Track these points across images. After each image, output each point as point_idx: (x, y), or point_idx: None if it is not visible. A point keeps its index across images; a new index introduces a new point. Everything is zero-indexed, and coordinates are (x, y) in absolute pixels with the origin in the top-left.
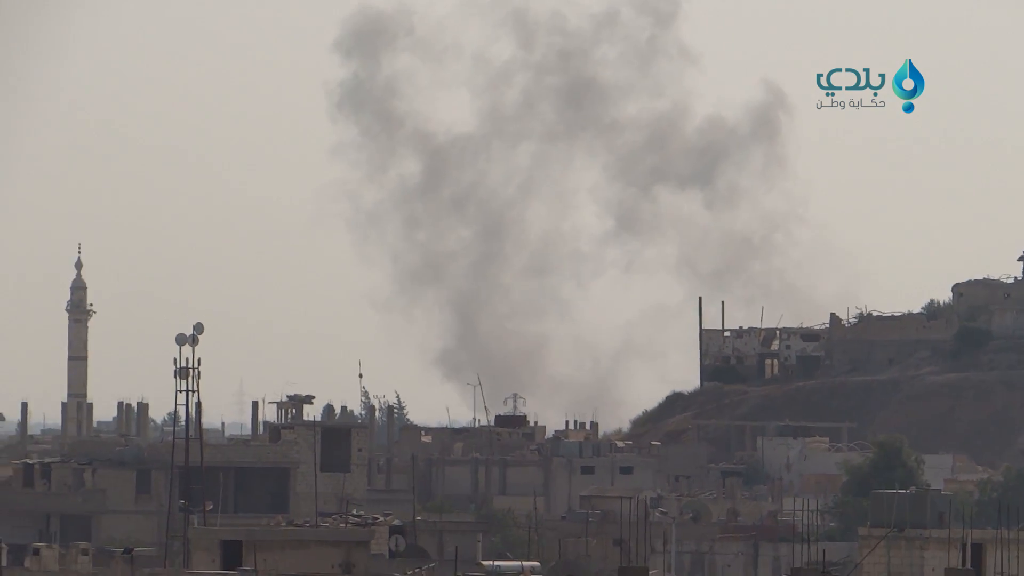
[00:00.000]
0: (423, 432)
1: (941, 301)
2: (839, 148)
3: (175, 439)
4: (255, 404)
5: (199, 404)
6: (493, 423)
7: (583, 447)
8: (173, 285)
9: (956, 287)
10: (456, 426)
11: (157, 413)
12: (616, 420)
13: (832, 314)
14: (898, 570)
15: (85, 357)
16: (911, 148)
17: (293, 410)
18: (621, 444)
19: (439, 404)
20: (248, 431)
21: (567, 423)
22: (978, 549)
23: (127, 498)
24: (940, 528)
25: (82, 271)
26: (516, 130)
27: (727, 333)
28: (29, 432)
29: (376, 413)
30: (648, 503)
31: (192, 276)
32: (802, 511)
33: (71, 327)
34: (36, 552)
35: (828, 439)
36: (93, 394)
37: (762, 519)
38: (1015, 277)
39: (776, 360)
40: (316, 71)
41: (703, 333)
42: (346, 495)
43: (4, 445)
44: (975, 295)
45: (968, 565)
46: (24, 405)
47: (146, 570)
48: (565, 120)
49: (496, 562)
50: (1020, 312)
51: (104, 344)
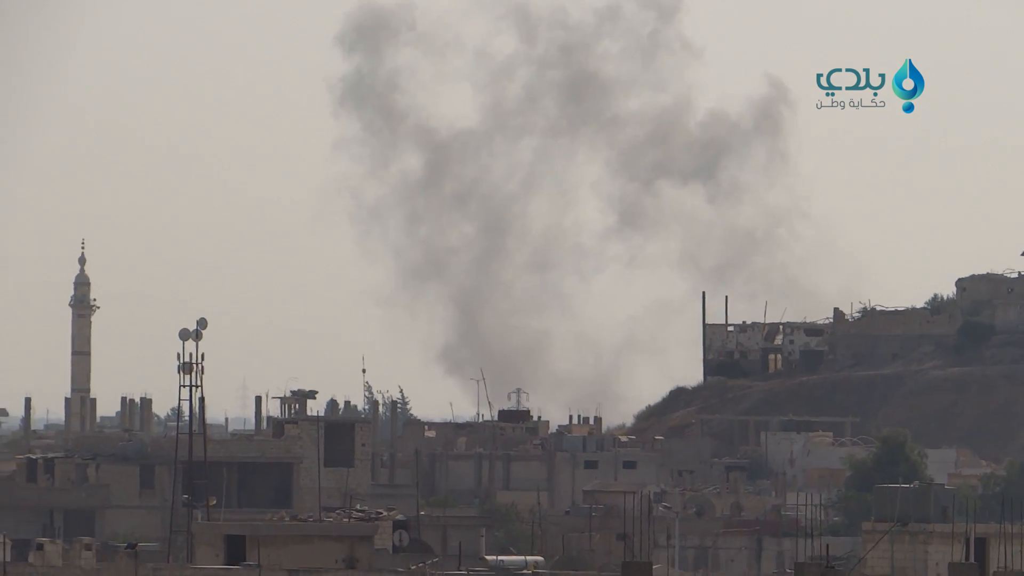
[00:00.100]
0: (427, 427)
1: (944, 296)
2: (841, 145)
3: (178, 434)
4: (258, 399)
5: (202, 399)
6: (496, 418)
7: (587, 442)
8: (176, 280)
9: (959, 282)
10: (459, 421)
11: (161, 408)
12: (619, 415)
13: (836, 309)
14: (902, 564)
15: (89, 352)
16: (913, 145)
17: (296, 405)
18: (625, 439)
19: (442, 399)
20: (251, 426)
21: (570, 418)
22: (981, 543)
23: (131, 493)
24: (944, 522)
25: (85, 267)
26: (518, 125)
27: (730, 328)
28: (33, 427)
29: (379, 408)
30: (652, 498)
31: (195, 271)
32: (806, 506)
33: (75, 322)
34: (40, 547)
35: (832, 434)
36: (97, 389)
37: (766, 514)
38: (1018, 272)
39: (779, 355)
40: (318, 66)
41: (706, 328)
42: (350, 490)
43: (7, 440)
44: (978, 290)
45: (972, 559)
46: (28, 400)
47: (150, 565)
48: (567, 115)
49: (500, 557)
50: (1023, 307)
51: (108, 339)
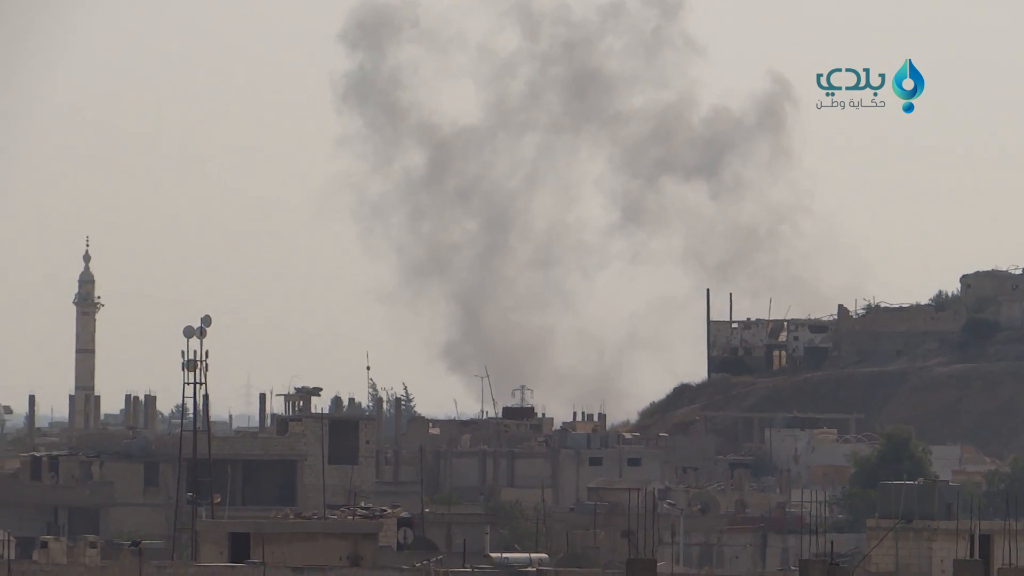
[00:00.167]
0: (431, 424)
1: (949, 292)
2: (844, 142)
3: (183, 431)
4: (262, 396)
5: (207, 396)
6: (500, 415)
7: (591, 439)
8: (180, 278)
9: (964, 278)
10: (464, 418)
11: (165, 406)
12: (622, 412)
13: (840, 306)
14: (906, 561)
15: (93, 350)
16: (917, 143)
17: (300, 402)
18: (629, 436)
19: (446, 396)
20: (256, 423)
21: (575, 415)
22: (986, 540)
23: (135, 491)
24: (948, 519)
25: (90, 264)
26: (521, 121)
27: (735, 325)
28: (37, 425)
29: (384, 405)
30: (656, 495)
31: (199, 269)
32: (810, 502)
33: (79, 320)
34: (44, 545)
35: (836, 430)
36: (101, 387)
37: (770, 510)
38: (1023, 268)
39: (784, 351)
40: (321, 63)
41: (711, 324)
42: (354, 487)
43: (12, 438)
44: (983, 286)
45: (976, 556)
46: (32, 398)
47: (154, 563)
48: (570, 111)
49: (504, 554)
50: None
51: (112, 337)
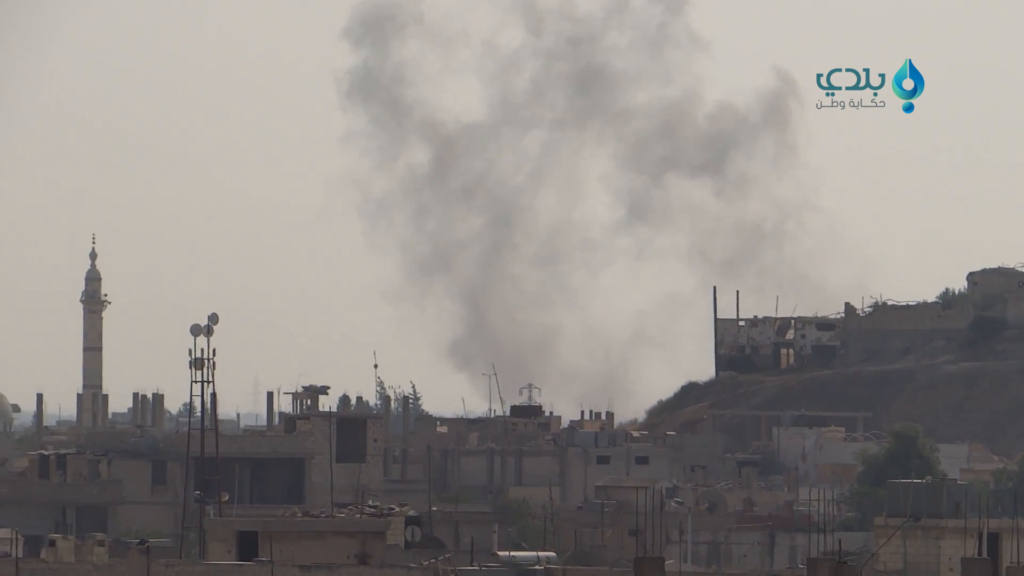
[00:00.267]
0: (438, 422)
1: (956, 290)
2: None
3: (190, 430)
4: (270, 395)
5: (214, 395)
6: (508, 413)
7: (598, 437)
8: (187, 276)
9: (971, 276)
10: (471, 417)
11: (172, 404)
12: (629, 410)
13: (847, 303)
14: (914, 560)
15: (100, 348)
16: (922, 141)
17: (308, 401)
18: (636, 434)
19: (453, 394)
20: (263, 422)
21: (582, 413)
22: (994, 538)
23: (143, 489)
24: (956, 518)
25: (96, 262)
26: (526, 118)
27: (742, 323)
28: (44, 423)
29: (391, 404)
30: (664, 493)
31: (206, 267)
32: (818, 501)
33: (86, 318)
34: (52, 543)
35: (844, 429)
36: (108, 385)
37: (778, 509)
38: None
39: (791, 350)
40: (325, 60)
41: (718, 323)
42: (362, 486)
43: (20, 436)
44: (990, 284)
45: (984, 555)
46: (39, 396)
47: (162, 561)
48: (575, 108)
49: (512, 552)
50: None
51: (119, 335)
